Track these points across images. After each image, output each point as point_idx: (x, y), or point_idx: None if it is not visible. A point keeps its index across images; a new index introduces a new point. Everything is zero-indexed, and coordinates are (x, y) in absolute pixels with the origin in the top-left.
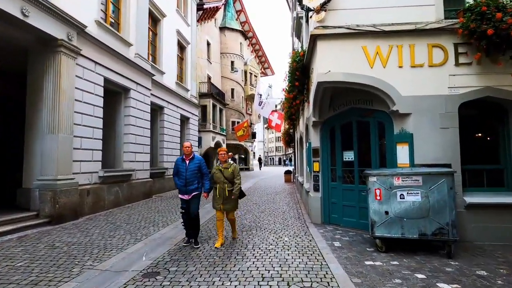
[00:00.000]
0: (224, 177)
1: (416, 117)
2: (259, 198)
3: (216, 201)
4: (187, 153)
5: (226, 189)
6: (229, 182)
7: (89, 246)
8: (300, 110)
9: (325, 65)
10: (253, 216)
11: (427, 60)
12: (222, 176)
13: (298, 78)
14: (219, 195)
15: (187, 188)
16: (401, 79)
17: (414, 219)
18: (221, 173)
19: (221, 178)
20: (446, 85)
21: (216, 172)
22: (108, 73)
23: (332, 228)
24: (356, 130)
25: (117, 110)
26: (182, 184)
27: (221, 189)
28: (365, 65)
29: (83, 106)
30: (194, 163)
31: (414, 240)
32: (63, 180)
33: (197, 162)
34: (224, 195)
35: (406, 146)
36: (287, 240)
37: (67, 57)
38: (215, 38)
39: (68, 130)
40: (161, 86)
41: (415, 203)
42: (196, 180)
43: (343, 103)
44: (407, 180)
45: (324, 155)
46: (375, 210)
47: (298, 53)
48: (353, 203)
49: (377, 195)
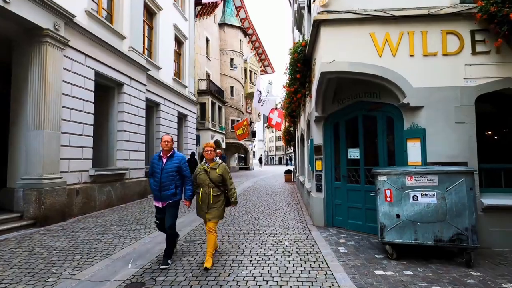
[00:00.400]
0: (209, 180)
1: (428, 111)
2: (258, 198)
3: (200, 208)
4: (166, 149)
5: (211, 194)
6: (216, 186)
7: (72, 251)
8: (301, 106)
9: (329, 53)
10: (251, 218)
11: (441, 49)
12: (207, 178)
13: (299, 70)
14: (202, 201)
15: (161, 193)
16: (412, 69)
17: (429, 223)
18: (206, 174)
19: (205, 181)
20: (462, 75)
21: (200, 173)
22: (100, 66)
23: (336, 232)
24: (362, 125)
25: (110, 106)
26: (156, 188)
27: (205, 194)
28: (373, 54)
29: (72, 101)
30: (172, 163)
31: (428, 247)
32: (49, 179)
33: (176, 161)
34: (209, 202)
35: (418, 142)
36: (287, 245)
37: (53, 48)
38: (214, 35)
39: (55, 126)
40: (157, 81)
41: (430, 206)
42: (173, 184)
43: (348, 96)
44: (421, 180)
45: (327, 153)
46: (385, 212)
47: (300, 43)
48: (359, 204)
49: (387, 196)
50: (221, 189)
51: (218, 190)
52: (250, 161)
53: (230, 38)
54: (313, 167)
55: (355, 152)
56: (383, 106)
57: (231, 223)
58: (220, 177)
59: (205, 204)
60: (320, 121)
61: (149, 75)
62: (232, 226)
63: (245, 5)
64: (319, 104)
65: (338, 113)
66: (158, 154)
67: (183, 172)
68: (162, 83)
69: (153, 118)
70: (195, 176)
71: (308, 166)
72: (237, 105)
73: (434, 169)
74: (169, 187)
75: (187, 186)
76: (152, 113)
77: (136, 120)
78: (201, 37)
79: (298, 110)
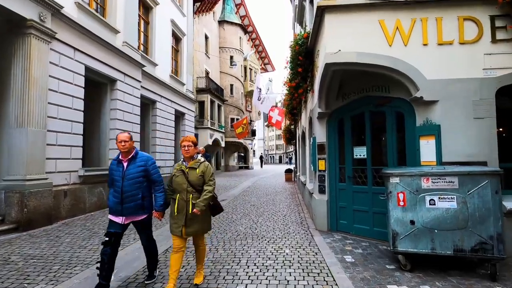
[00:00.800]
0: (188, 183)
1: (444, 105)
2: (258, 199)
3: (175, 221)
4: (124, 150)
5: (190, 201)
6: (196, 191)
7: (51, 260)
8: (302, 103)
9: (334, 43)
10: (249, 221)
11: (458, 37)
12: (185, 180)
13: (301, 64)
14: (179, 211)
15: (123, 206)
16: (426, 60)
17: (448, 230)
18: (184, 176)
19: (183, 185)
20: (481, 66)
21: (177, 175)
22: (91, 61)
23: (340, 237)
24: (369, 122)
25: (102, 103)
26: (117, 200)
27: (182, 202)
28: (383, 43)
29: (60, 97)
30: (136, 166)
31: (445, 256)
32: (34, 181)
33: (141, 163)
34: (188, 212)
35: (432, 140)
36: (288, 252)
37: (38, 41)
38: (213, 32)
39: (40, 124)
40: (153, 78)
41: (449, 211)
42: (139, 194)
43: (354, 90)
44: (439, 182)
45: (331, 152)
46: (397, 218)
47: (301, 34)
48: (366, 207)
49: (400, 200)
50: None
51: (199, 195)
52: (250, 160)
53: (229, 35)
54: (315, 167)
55: (361, 151)
56: (392, 101)
57: (227, 227)
58: (201, 179)
59: (183, 215)
60: (323, 118)
61: (145, 72)
62: (229, 231)
63: (245, 2)
64: (322, 99)
65: (343, 109)
66: (116, 158)
67: (151, 176)
68: (159, 80)
69: (148, 116)
70: (170, 179)
71: (310, 166)
72: (236, 103)
73: (454, 169)
74: (134, 198)
75: (157, 194)
76: (147, 111)
77: (130, 118)
78: (200, 34)
79: (299, 107)
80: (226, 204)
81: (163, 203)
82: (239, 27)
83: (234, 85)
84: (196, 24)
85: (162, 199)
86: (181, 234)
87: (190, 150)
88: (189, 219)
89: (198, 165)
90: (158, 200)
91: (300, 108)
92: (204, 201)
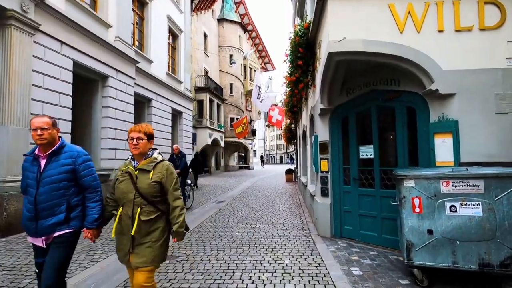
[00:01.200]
0: (136, 191)
1: (462, 99)
2: (257, 201)
3: (120, 246)
4: (42, 142)
5: (137, 218)
6: (149, 203)
7: (24, 272)
8: (303, 100)
9: (339, 30)
10: (247, 225)
11: (477, 22)
12: (132, 187)
13: (301, 56)
14: (121, 231)
15: (38, 223)
16: (441, 48)
17: (472, 242)
18: (131, 180)
19: (128, 194)
20: (504, 55)
21: (121, 180)
22: (80, 56)
23: (345, 245)
24: (377, 118)
25: (93, 101)
26: (29, 215)
27: (127, 219)
28: (393, 30)
29: (45, 93)
30: (58, 165)
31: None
32: (15, 182)
33: (67, 161)
34: (136, 232)
35: (449, 137)
36: (288, 263)
37: (20, 33)
38: (212, 30)
39: (22, 121)
40: (148, 76)
41: (474, 219)
42: (63, 204)
43: (360, 84)
44: (461, 186)
45: (334, 151)
46: (412, 227)
47: (302, 25)
48: (373, 212)
49: (416, 207)
50: (159, 207)
51: (153, 210)
52: (250, 160)
53: (229, 34)
54: (317, 167)
55: (368, 150)
56: (402, 95)
57: (223, 232)
58: (156, 187)
59: (128, 239)
60: (326, 115)
61: (140, 69)
62: (224, 236)
63: (244, 0)
64: (324, 94)
65: (347, 105)
66: (31, 152)
67: (81, 180)
68: (154, 78)
69: (144, 115)
70: (113, 186)
71: (312, 166)
72: (236, 102)
73: (478, 171)
74: (54, 211)
75: (90, 204)
76: (143, 109)
77: (123, 116)
78: (198, 32)
79: (300, 105)
80: (224, 206)
81: (98, 216)
82: (238, 26)
83: (233, 84)
84: (195, 22)
85: (97, 212)
86: (128, 262)
87: (141, 145)
88: (137, 245)
89: (153, 166)
90: (90, 213)
91: (301, 106)
92: (182, 223)
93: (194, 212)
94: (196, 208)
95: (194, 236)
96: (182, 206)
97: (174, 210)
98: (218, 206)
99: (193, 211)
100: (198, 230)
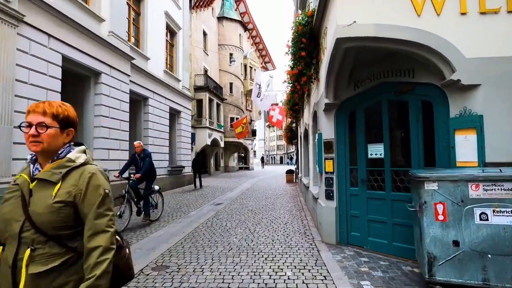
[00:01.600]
0: (26, 219)
1: (487, 90)
2: (256, 203)
3: None
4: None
5: (23, 267)
6: (49, 239)
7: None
8: (305, 97)
9: (348, 13)
10: (245, 230)
11: (506, 3)
12: (21, 211)
13: (304, 47)
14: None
15: None
16: (464, 33)
17: (507, 256)
18: (21, 202)
19: (13, 224)
20: None
21: (7, 197)
22: (69, 50)
23: (353, 253)
24: (388, 114)
25: (85, 98)
26: None
27: (6, 269)
28: (409, 13)
29: (30, 89)
30: None
31: None
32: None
33: None
34: None
35: (472, 134)
36: (290, 276)
37: (2, 24)
38: (212, 29)
39: (5, 119)
40: (145, 73)
41: (509, 229)
42: None
43: (369, 76)
44: (493, 189)
45: (340, 150)
46: (435, 237)
47: (305, 13)
48: (384, 217)
49: (439, 214)
50: (71, 245)
51: (58, 251)
52: (251, 160)
53: (229, 32)
54: (321, 168)
55: (377, 149)
56: (417, 87)
57: (219, 238)
58: (64, 211)
59: None
60: (331, 110)
61: (135, 65)
62: (221, 243)
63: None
64: (330, 88)
65: (355, 99)
66: None
67: None
68: (151, 75)
69: (140, 113)
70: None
71: (315, 167)
72: (236, 102)
73: None
74: None
75: None
76: (139, 107)
77: (118, 114)
78: (198, 30)
79: (302, 103)
80: (222, 209)
81: None
82: (239, 24)
83: (233, 84)
84: (194, 19)
85: None
86: None
87: (45, 137)
88: None
89: (63, 174)
90: None
91: (303, 103)
92: (100, 280)
93: (190, 215)
94: (193, 210)
95: (188, 242)
96: (107, 247)
97: (90, 254)
98: (216, 209)
99: (190, 213)
100: (193, 235)
